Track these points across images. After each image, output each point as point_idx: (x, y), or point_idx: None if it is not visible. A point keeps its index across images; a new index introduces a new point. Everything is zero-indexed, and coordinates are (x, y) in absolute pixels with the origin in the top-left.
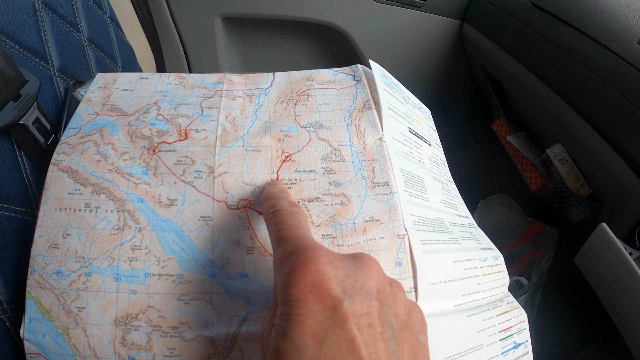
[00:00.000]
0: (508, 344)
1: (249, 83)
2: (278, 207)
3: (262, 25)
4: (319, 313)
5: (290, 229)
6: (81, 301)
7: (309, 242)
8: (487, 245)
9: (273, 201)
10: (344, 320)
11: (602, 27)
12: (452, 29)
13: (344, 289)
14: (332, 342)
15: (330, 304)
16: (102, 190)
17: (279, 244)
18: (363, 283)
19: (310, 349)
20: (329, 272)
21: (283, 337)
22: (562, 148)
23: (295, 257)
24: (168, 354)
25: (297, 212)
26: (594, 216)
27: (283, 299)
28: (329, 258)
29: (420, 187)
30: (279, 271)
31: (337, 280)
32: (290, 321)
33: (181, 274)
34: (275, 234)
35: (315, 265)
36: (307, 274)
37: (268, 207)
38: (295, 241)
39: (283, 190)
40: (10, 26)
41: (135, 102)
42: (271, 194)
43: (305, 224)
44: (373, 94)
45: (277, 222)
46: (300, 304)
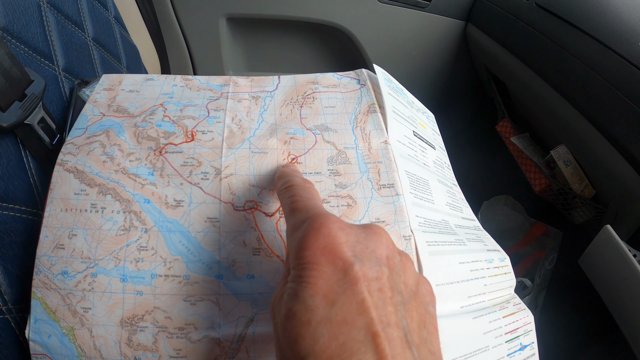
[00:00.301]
0: (514, 346)
1: (255, 86)
2: (292, 182)
3: (266, 26)
4: (331, 275)
5: (303, 200)
6: (87, 302)
7: (322, 210)
8: (493, 246)
9: (287, 178)
10: (354, 282)
11: (607, 28)
12: (457, 30)
13: (355, 254)
14: (343, 304)
15: (341, 267)
16: (108, 191)
17: (292, 214)
18: (373, 249)
19: (321, 310)
20: (341, 237)
21: (295, 299)
22: (566, 149)
23: (308, 223)
24: (174, 354)
25: (310, 187)
26: (597, 218)
27: (295, 263)
28: (341, 224)
29: (426, 190)
30: (292, 237)
31: (349, 245)
32: (302, 283)
33: (187, 275)
34: (288, 205)
35: (327, 230)
36: (319, 237)
37: (282, 183)
38: (308, 210)
39: (296, 170)
40: (15, 26)
41: (141, 104)
42: (285, 172)
43: (318, 197)
44: (378, 98)
45: (290, 195)
46: (312, 266)
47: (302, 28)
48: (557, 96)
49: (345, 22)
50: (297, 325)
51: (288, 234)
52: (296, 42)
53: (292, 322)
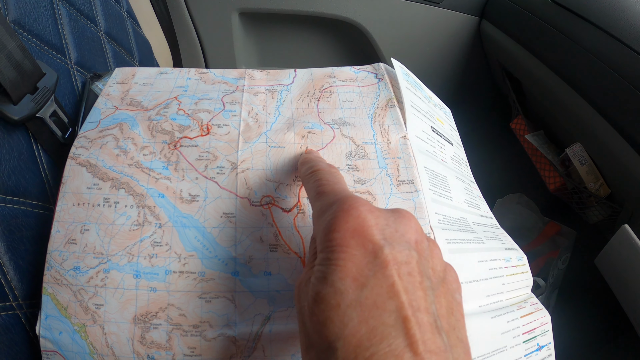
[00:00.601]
0: (531, 346)
1: (270, 79)
2: (317, 167)
3: (279, 21)
4: (360, 258)
5: (330, 184)
6: (99, 298)
7: (350, 193)
8: (511, 245)
9: (311, 163)
10: (384, 265)
11: (624, 25)
12: (471, 26)
13: (385, 236)
14: (373, 287)
15: (371, 250)
16: (121, 185)
17: (319, 197)
18: (402, 233)
19: (351, 293)
20: (370, 220)
21: (323, 282)
22: (581, 147)
23: (337, 205)
24: (189, 353)
25: (335, 171)
26: (612, 217)
27: (324, 246)
28: (370, 207)
29: (444, 186)
30: (319, 220)
31: (378, 227)
32: (331, 265)
33: (203, 272)
34: (315, 189)
35: (356, 212)
36: (349, 219)
37: (306, 168)
38: (336, 193)
39: (319, 156)
40: (27, 19)
41: (155, 97)
42: (308, 158)
43: (343, 181)
44: (396, 93)
45: (316, 179)
46: (341, 249)
47: (315, 23)
48: (573, 93)
49: (358, 18)
50: (326, 308)
51: (315, 217)
52: (309, 37)
53: (320, 305)
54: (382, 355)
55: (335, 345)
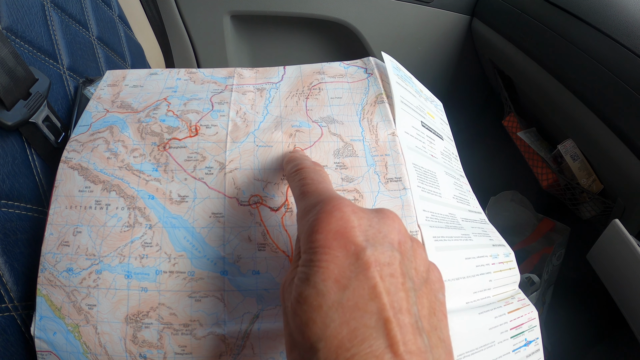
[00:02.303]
0: (519, 342)
1: (260, 77)
2: (301, 165)
3: (270, 23)
4: (342, 259)
5: (314, 183)
6: (92, 299)
7: (334, 193)
8: (499, 241)
9: (296, 162)
10: (366, 267)
11: (614, 21)
12: (462, 25)
13: (367, 238)
14: (355, 288)
15: (353, 251)
16: (112, 188)
17: (303, 197)
18: (386, 234)
19: (333, 294)
20: (353, 221)
21: (306, 283)
22: (573, 144)
23: (320, 206)
24: (179, 351)
25: (320, 169)
26: (605, 213)
27: (307, 247)
28: (353, 208)
29: (433, 183)
30: (303, 221)
31: (361, 229)
32: (314, 267)
33: (192, 271)
34: (299, 188)
35: (339, 213)
36: (331, 221)
37: (291, 167)
38: (320, 193)
39: (305, 155)
40: (19, 25)
41: (145, 99)
42: (293, 157)
43: (328, 180)
44: (385, 87)
45: (300, 178)
46: (324, 250)
47: (307, 25)
48: (564, 90)
49: (349, 18)
50: (308, 309)
51: (299, 217)
52: (301, 39)
53: (303, 306)
54: (362, 356)
55: (317, 345)
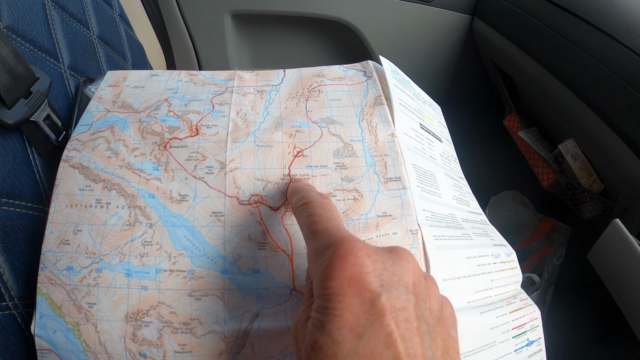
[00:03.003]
0: (521, 341)
1: (260, 79)
2: (308, 199)
3: (271, 22)
4: (357, 307)
5: (323, 220)
6: (92, 297)
7: (345, 234)
8: (500, 241)
9: (302, 194)
10: (381, 314)
11: (615, 21)
12: (463, 24)
13: (382, 283)
14: (370, 337)
15: (368, 298)
16: (113, 186)
17: (313, 237)
18: (400, 277)
19: (348, 343)
20: (368, 266)
21: (320, 331)
22: (574, 143)
23: (333, 249)
24: (179, 350)
25: (327, 203)
26: (606, 212)
27: (320, 292)
28: (367, 251)
29: (433, 183)
30: (315, 264)
31: (376, 273)
32: (329, 315)
33: (192, 270)
34: (308, 226)
35: (354, 259)
36: (345, 267)
37: (297, 199)
38: (331, 233)
39: (309, 184)
40: (20, 24)
41: (146, 99)
42: (298, 187)
43: (337, 216)
44: (384, 90)
45: (308, 215)
46: (338, 298)
47: (308, 24)
48: (565, 90)
49: (350, 17)
50: (323, 358)
51: (310, 257)
52: (302, 38)
53: (318, 354)
54: None
55: None
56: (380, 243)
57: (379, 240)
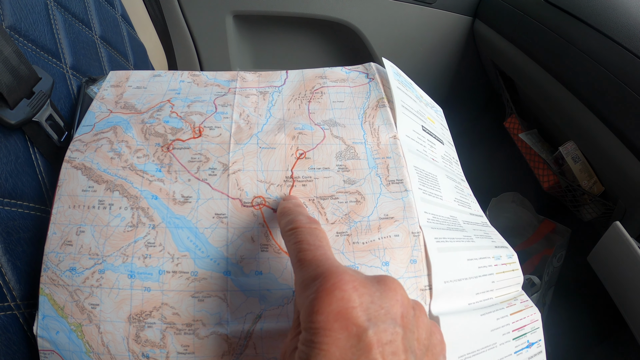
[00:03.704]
0: (521, 343)
1: (262, 81)
2: (296, 223)
3: (273, 23)
4: (344, 342)
5: (311, 249)
6: (95, 298)
7: (333, 265)
8: (501, 243)
9: (290, 217)
10: (368, 349)
11: (615, 23)
12: (464, 26)
13: (369, 317)
14: None
15: (355, 333)
16: (116, 187)
17: (300, 266)
18: (388, 309)
19: None
20: (355, 300)
21: None
22: (574, 145)
23: (319, 282)
24: (182, 351)
25: (316, 229)
26: (606, 215)
27: (307, 326)
28: (354, 284)
29: (434, 185)
30: (302, 295)
31: (363, 307)
32: (315, 349)
33: (195, 271)
34: (295, 254)
35: (340, 293)
36: (332, 301)
37: (285, 223)
38: (318, 264)
39: (299, 204)
40: (22, 24)
41: (148, 100)
42: (287, 209)
43: (326, 243)
44: (386, 92)
45: (296, 241)
46: (324, 332)
47: (309, 25)
48: (566, 92)
49: (351, 19)
50: None
51: (297, 288)
52: (303, 39)
53: None
54: None
55: None
56: (382, 245)
57: (381, 242)
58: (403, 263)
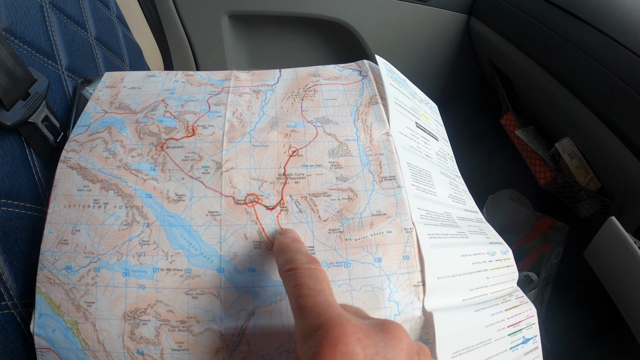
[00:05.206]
0: (517, 339)
1: (256, 79)
2: (295, 264)
3: (268, 22)
4: None
5: (312, 294)
6: (90, 296)
7: (335, 314)
8: (496, 239)
9: (288, 255)
10: None
11: (611, 19)
12: (459, 23)
13: None
14: None
15: None
16: (110, 187)
17: (301, 314)
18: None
19: None
20: (359, 353)
21: None
22: (571, 142)
23: (322, 333)
24: (176, 347)
25: (316, 269)
26: (603, 210)
27: None
28: (358, 335)
29: (428, 182)
30: (304, 346)
31: None
32: None
33: (189, 269)
34: (295, 299)
35: (344, 346)
36: (336, 355)
37: (283, 262)
38: (320, 312)
39: (296, 239)
40: (18, 26)
41: (143, 100)
42: (284, 245)
43: (327, 286)
44: (380, 89)
45: (295, 285)
46: None
47: (305, 24)
48: (561, 88)
49: (347, 18)
50: None
51: (298, 338)
52: (299, 38)
53: None
54: None
55: None
56: (375, 241)
57: (373, 239)
58: (396, 259)
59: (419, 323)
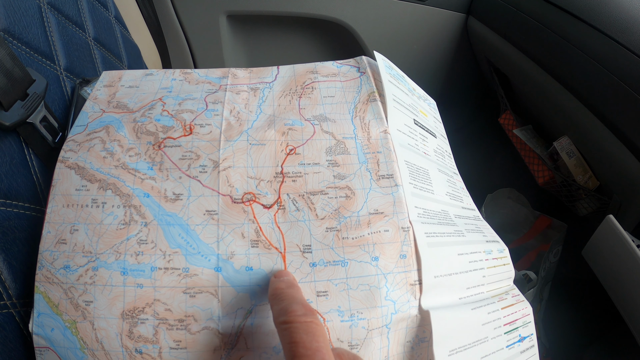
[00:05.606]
0: (513, 337)
1: (254, 77)
2: (290, 316)
3: (267, 22)
4: None
5: (308, 354)
6: (89, 295)
7: None
8: (493, 237)
9: (284, 304)
10: None
11: (609, 18)
12: (457, 23)
13: None
14: None
15: None
16: (108, 186)
17: None
18: None
19: None
20: None
21: None
22: (569, 141)
23: None
24: (174, 346)
25: (312, 323)
26: (602, 209)
27: None
28: None
29: (425, 180)
30: None
31: None
32: None
33: (187, 268)
34: (289, 354)
35: None
36: None
37: (278, 312)
38: None
39: (292, 284)
40: (16, 27)
41: (140, 99)
42: (279, 291)
43: (323, 342)
44: (378, 86)
45: (291, 342)
46: None
47: (303, 24)
48: (560, 87)
49: (345, 17)
50: None
51: None
52: (297, 38)
53: None
54: None
55: None
56: (372, 240)
57: (370, 238)
58: (393, 258)
59: (415, 322)
